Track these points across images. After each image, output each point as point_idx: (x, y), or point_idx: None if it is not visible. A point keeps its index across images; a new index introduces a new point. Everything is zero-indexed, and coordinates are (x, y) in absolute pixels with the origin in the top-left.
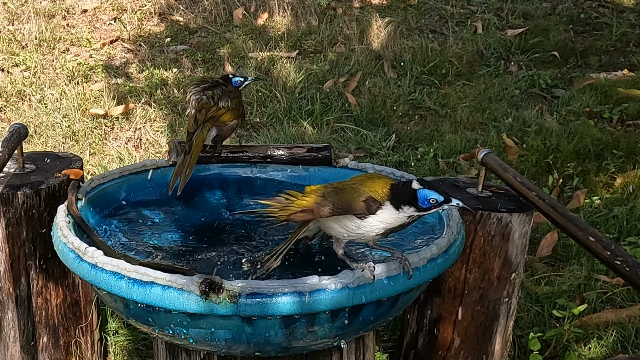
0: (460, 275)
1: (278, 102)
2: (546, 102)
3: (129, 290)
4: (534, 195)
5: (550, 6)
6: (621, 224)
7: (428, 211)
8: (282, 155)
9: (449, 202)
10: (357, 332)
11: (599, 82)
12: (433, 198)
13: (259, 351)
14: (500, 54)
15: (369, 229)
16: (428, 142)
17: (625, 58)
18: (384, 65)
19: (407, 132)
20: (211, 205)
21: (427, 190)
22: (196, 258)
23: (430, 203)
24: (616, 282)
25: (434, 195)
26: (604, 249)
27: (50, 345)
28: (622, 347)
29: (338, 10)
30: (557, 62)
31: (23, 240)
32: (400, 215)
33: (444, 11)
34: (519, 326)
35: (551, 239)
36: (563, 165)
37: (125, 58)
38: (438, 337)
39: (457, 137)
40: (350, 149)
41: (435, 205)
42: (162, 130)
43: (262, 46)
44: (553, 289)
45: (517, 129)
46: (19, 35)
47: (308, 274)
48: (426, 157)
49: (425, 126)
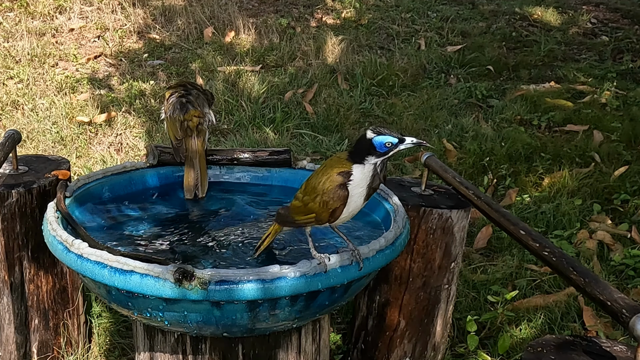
0: (406, 265)
1: (243, 111)
2: (482, 111)
3: (111, 278)
4: (471, 193)
5: (485, 25)
6: (548, 219)
7: (388, 154)
8: (247, 158)
9: (404, 142)
10: (313, 315)
11: (529, 93)
12: (388, 142)
13: (226, 332)
14: (441, 68)
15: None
16: None
17: (552, 72)
18: (338, 78)
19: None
20: (183, 202)
21: (381, 137)
22: (170, 248)
23: (387, 147)
24: (544, 270)
25: (388, 139)
26: (533, 241)
27: (41, 327)
28: (549, 328)
29: (297, 29)
30: (492, 75)
31: (17, 233)
32: (367, 167)
33: (391, 30)
34: (457, 310)
35: (486, 232)
36: (497, 167)
37: (107, 71)
38: (386, 319)
39: None
40: (307, 152)
41: (392, 148)
42: (141, 135)
43: (230, 61)
44: (488, 277)
45: (456, 135)
46: (13, 51)
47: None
48: None
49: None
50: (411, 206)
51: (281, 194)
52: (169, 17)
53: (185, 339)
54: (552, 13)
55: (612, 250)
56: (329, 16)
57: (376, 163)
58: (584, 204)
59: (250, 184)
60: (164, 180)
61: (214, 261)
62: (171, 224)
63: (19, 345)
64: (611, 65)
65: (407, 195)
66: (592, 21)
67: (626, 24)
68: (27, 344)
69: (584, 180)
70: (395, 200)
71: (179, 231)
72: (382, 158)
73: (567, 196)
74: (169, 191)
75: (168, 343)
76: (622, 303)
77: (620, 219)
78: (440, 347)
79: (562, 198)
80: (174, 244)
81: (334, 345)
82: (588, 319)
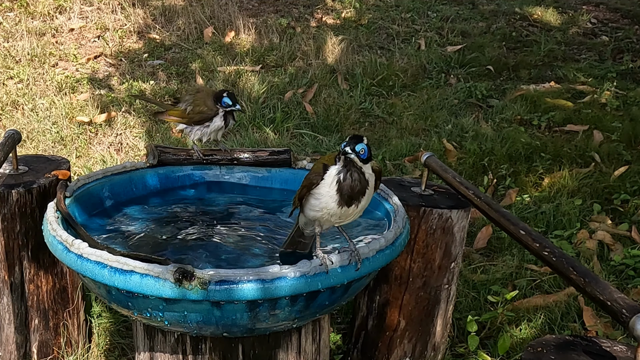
0: (406, 265)
1: (244, 111)
2: (482, 111)
3: (111, 278)
4: (471, 193)
5: (485, 25)
6: (548, 219)
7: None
8: (247, 158)
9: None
10: (313, 315)
11: (529, 93)
12: (343, 146)
13: (226, 332)
14: (441, 68)
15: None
16: (377, 146)
17: (552, 72)
18: (338, 78)
19: None
20: (184, 202)
21: (344, 142)
22: (171, 248)
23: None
24: (544, 270)
25: (344, 144)
26: (533, 241)
27: (41, 327)
28: (549, 328)
29: (297, 29)
30: (492, 75)
31: (17, 233)
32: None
33: (391, 30)
34: (457, 310)
35: (486, 232)
36: (497, 167)
37: (107, 72)
38: (386, 319)
39: (403, 142)
40: (307, 152)
41: (339, 154)
42: (141, 135)
43: (230, 61)
44: (488, 277)
45: (456, 135)
46: (14, 51)
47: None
48: (375, 159)
49: (374, 132)
50: (411, 206)
51: (281, 194)
52: (169, 17)
53: (185, 339)
54: (552, 13)
55: (612, 250)
56: (329, 16)
57: (338, 169)
58: (584, 204)
59: (250, 184)
60: (164, 180)
61: (214, 261)
62: (171, 224)
63: (19, 345)
64: (611, 65)
65: (407, 195)
66: (592, 21)
67: (626, 24)
68: (27, 344)
69: (584, 180)
70: (395, 200)
71: (179, 231)
72: (339, 165)
73: (567, 196)
74: (168, 191)
75: (168, 343)
76: (622, 303)
77: (620, 219)
78: (440, 347)
79: (562, 198)
80: (174, 244)
81: (334, 345)
82: (588, 319)
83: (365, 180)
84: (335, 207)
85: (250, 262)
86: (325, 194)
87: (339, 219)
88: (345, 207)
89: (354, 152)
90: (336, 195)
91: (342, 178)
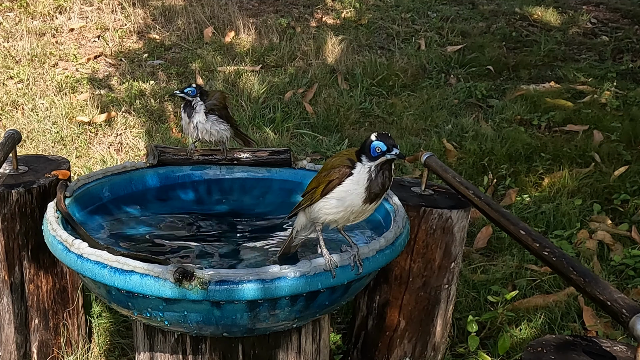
0: (406, 265)
1: (244, 111)
2: (482, 111)
3: (111, 278)
4: (471, 193)
5: (485, 25)
6: (548, 219)
7: (377, 160)
8: (247, 158)
9: (390, 152)
10: (313, 315)
11: (529, 93)
12: (378, 147)
13: (226, 332)
14: (441, 68)
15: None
16: None
17: (552, 72)
18: (338, 78)
19: (358, 137)
20: (184, 202)
21: (376, 142)
22: (170, 248)
23: (377, 152)
24: (544, 270)
25: (379, 144)
26: (533, 241)
27: (41, 327)
28: (549, 328)
29: (297, 29)
30: (492, 75)
31: (17, 233)
32: (363, 168)
33: (391, 30)
34: (457, 310)
35: (486, 232)
36: (497, 167)
37: (107, 72)
38: (386, 319)
39: (403, 141)
40: (307, 152)
41: (380, 155)
42: (141, 135)
43: (230, 61)
44: (488, 277)
45: (456, 135)
46: (14, 51)
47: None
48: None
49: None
50: (411, 206)
51: (281, 194)
52: (169, 17)
53: (185, 339)
54: (552, 13)
55: (612, 250)
56: (329, 16)
57: (370, 167)
58: (584, 204)
59: (250, 184)
60: (164, 180)
61: (214, 261)
62: (171, 224)
63: (19, 345)
64: (611, 65)
65: (407, 195)
66: (592, 21)
67: (626, 24)
68: (27, 344)
69: (584, 180)
70: (395, 200)
71: (179, 231)
72: (373, 163)
73: (567, 196)
74: (168, 191)
75: (168, 343)
76: (622, 303)
77: (620, 219)
78: (440, 347)
79: (562, 198)
80: (174, 244)
81: (334, 345)
82: (588, 319)
83: (392, 176)
84: (360, 204)
85: (250, 262)
86: (353, 190)
87: (356, 217)
88: (368, 203)
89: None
90: (364, 193)
91: (374, 175)
